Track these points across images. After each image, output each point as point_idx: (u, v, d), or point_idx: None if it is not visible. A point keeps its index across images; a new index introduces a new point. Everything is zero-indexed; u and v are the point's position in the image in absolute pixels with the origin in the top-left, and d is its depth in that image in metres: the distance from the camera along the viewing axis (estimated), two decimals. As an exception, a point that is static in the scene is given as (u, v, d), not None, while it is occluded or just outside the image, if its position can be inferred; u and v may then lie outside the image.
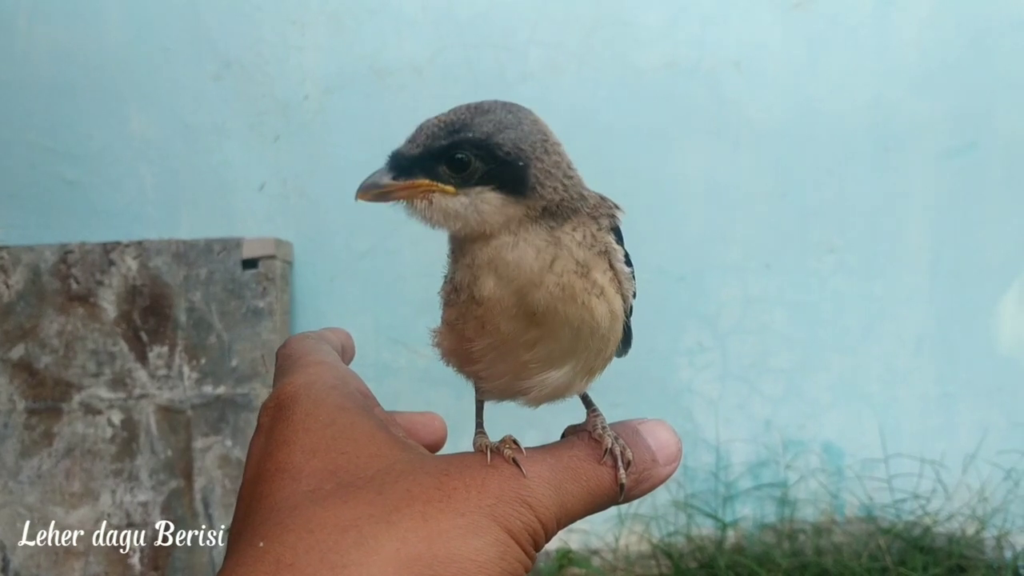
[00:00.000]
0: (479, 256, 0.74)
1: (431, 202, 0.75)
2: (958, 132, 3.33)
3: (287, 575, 0.55)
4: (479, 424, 0.83)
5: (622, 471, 0.71)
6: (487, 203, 0.73)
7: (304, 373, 0.75)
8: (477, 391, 0.85)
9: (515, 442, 0.70)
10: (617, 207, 0.81)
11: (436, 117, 0.76)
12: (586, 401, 0.84)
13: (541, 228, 0.74)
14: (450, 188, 0.74)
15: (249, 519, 0.63)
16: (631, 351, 0.89)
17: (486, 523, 0.61)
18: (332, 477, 0.63)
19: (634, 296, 0.80)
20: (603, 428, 0.74)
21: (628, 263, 0.79)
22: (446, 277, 0.81)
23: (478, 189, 0.73)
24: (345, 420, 0.69)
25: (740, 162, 3.33)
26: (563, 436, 0.79)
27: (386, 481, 0.62)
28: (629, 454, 0.72)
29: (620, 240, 0.79)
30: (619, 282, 0.77)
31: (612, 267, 0.76)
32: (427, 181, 0.74)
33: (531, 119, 0.76)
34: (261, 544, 0.58)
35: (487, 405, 0.87)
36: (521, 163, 0.74)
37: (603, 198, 0.80)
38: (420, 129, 0.75)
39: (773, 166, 3.33)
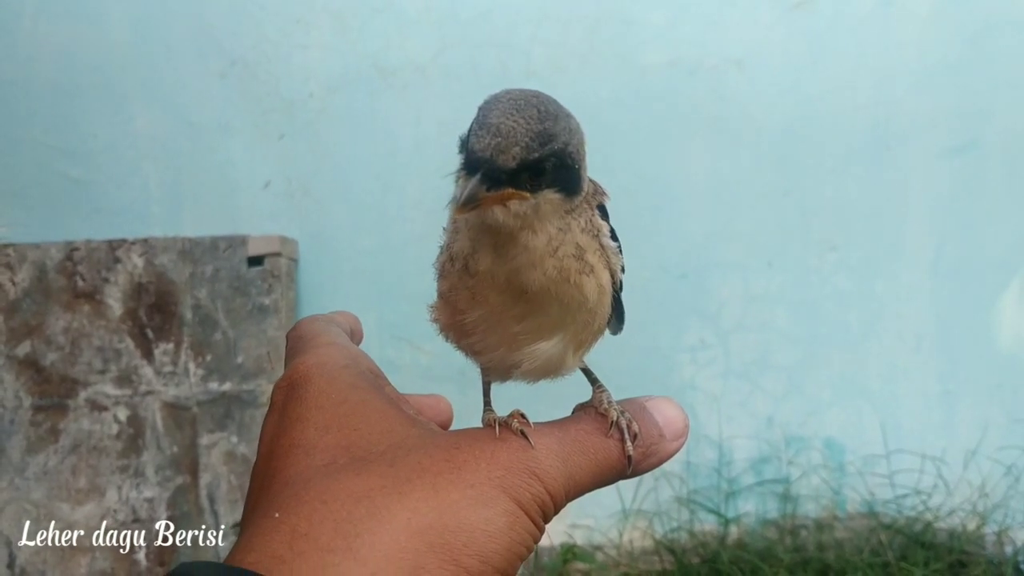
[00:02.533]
0: (492, 227, 0.74)
1: (508, 208, 0.73)
2: (958, 130, 3.34)
3: (302, 543, 0.57)
4: (487, 403, 0.85)
5: (629, 443, 0.72)
6: (549, 203, 0.74)
7: (316, 353, 0.77)
8: (482, 372, 0.87)
9: (523, 416, 0.71)
10: (604, 192, 0.84)
11: (517, 120, 0.72)
12: (591, 378, 0.86)
13: (561, 217, 0.76)
14: (526, 194, 0.73)
15: (264, 493, 0.65)
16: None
17: (495, 494, 0.62)
18: (345, 452, 0.65)
19: (623, 270, 0.82)
20: (609, 402, 0.76)
21: (614, 238, 0.81)
22: (442, 248, 0.82)
23: (545, 191, 0.74)
24: (357, 398, 0.70)
25: (742, 160, 3.34)
26: (572, 414, 0.80)
27: (398, 455, 0.64)
28: (635, 427, 0.73)
29: (605, 216, 0.82)
30: (607, 257, 0.79)
31: (600, 244, 0.79)
32: (511, 189, 0.73)
33: (576, 119, 0.78)
34: (276, 515, 0.59)
35: (493, 386, 0.89)
36: (577, 167, 0.76)
37: (594, 183, 0.83)
38: (507, 136, 0.71)
39: (775, 164, 3.34)
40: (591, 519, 3.26)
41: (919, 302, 3.39)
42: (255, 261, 3.01)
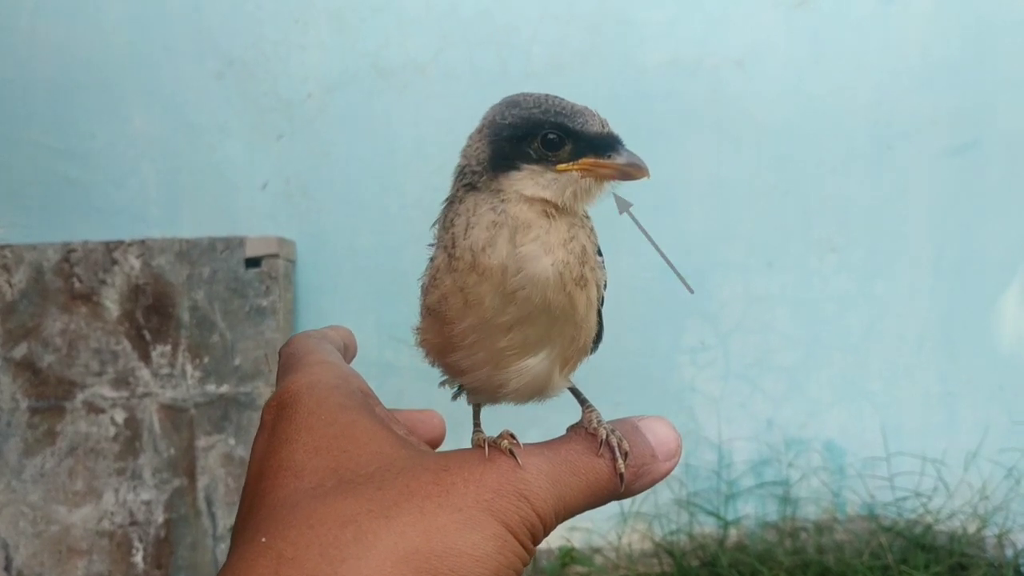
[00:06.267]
0: (517, 217, 0.76)
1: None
2: (959, 130, 3.33)
3: (288, 569, 0.56)
4: (476, 424, 0.85)
5: (620, 461, 0.71)
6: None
7: (306, 372, 0.76)
8: (470, 395, 0.87)
9: (512, 436, 0.70)
10: None
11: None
12: (579, 398, 0.85)
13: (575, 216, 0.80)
14: None
15: (252, 516, 0.64)
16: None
17: (483, 517, 0.62)
18: (333, 475, 0.64)
19: (605, 286, 0.84)
20: (598, 422, 0.75)
21: (599, 252, 0.83)
22: (432, 259, 0.82)
23: None
24: (347, 419, 0.69)
25: (742, 160, 3.33)
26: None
27: (386, 477, 0.63)
28: (626, 445, 0.73)
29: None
30: (596, 272, 0.80)
31: (594, 259, 0.80)
32: None
33: None
34: (263, 539, 0.59)
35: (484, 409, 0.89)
36: None
37: None
38: (597, 115, 0.83)
39: (775, 164, 3.33)
40: (589, 522, 3.25)
41: (920, 303, 3.38)
42: (253, 262, 3.00)
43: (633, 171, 0.81)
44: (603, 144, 0.80)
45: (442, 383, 0.91)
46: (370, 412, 0.72)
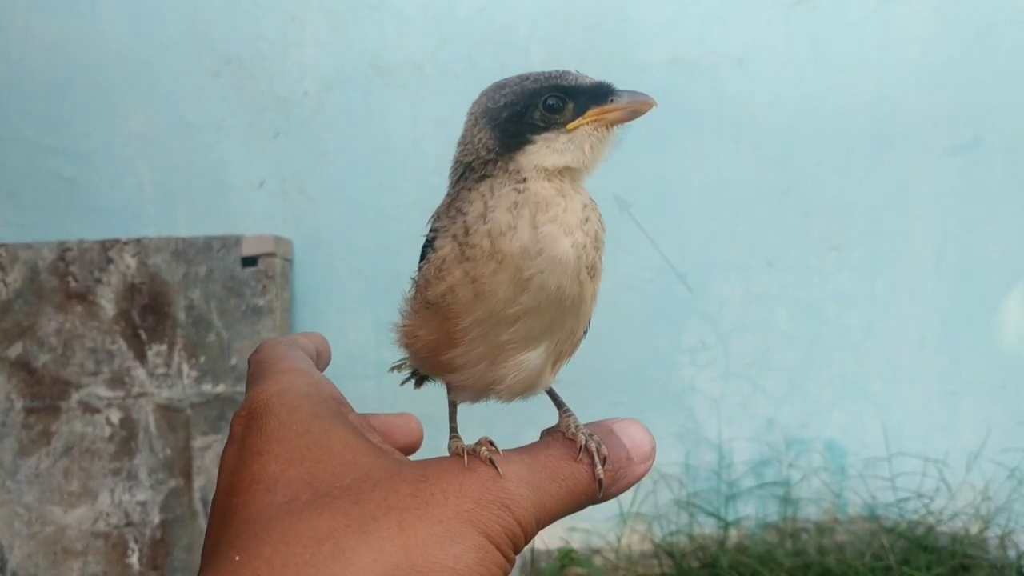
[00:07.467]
0: (538, 193, 0.75)
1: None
2: (962, 128, 3.31)
3: None
4: (453, 428, 0.83)
5: (599, 467, 0.71)
6: None
7: (276, 380, 0.74)
8: (449, 392, 0.86)
9: (491, 443, 0.69)
10: None
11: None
12: (557, 402, 0.84)
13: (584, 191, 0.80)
14: None
15: (224, 532, 0.62)
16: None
17: (464, 529, 0.61)
18: (307, 487, 0.62)
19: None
20: (576, 427, 0.75)
21: None
22: (432, 251, 0.80)
23: None
24: (319, 428, 0.67)
25: (742, 159, 3.31)
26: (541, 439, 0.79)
27: (363, 490, 0.61)
28: (604, 450, 0.72)
29: None
30: (602, 261, 0.81)
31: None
32: None
33: None
34: (237, 558, 0.57)
35: (460, 408, 0.88)
36: None
37: None
38: (578, 72, 0.85)
39: (775, 163, 3.31)
40: (588, 522, 3.23)
41: (921, 302, 3.36)
42: (249, 261, 2.98)
43: (640, 106, 0.84)
44: (601, 92, 0.83)
45: (392, 368, 0.90)
46: (343, 420, 0.70)
